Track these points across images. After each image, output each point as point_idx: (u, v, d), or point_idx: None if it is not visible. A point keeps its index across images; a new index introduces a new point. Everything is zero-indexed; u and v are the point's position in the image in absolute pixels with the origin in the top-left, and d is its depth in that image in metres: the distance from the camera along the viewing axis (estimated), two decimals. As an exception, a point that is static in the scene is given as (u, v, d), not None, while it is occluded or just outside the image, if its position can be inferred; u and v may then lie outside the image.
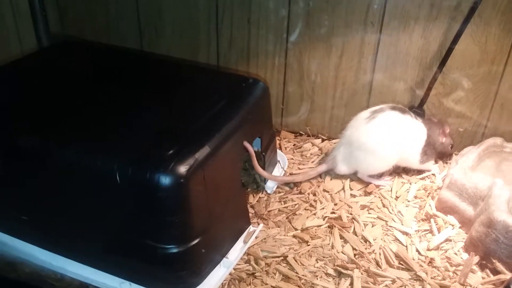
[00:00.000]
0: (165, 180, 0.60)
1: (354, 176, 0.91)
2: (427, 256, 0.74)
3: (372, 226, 0.81)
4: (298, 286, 0.69)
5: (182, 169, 0.62)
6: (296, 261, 0.73)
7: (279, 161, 0.96)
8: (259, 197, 0.87)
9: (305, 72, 1.01)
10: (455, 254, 0.75)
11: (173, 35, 1.05)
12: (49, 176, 0.67)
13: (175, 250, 0.63)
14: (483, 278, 0.70)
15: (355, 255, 0.75)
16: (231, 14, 0.99)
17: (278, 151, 0.97)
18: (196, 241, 0.65)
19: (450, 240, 0.77)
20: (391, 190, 0.88)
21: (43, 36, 1.07)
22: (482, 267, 0.72)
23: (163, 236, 0.63)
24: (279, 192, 0.89)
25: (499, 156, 0.89)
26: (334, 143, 1.02)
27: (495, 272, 0.70)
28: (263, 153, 0.86)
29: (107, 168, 0.62)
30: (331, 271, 0.72)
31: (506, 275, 0.68)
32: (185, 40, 1.05)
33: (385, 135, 0.84)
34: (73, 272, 0.69)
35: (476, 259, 0.72)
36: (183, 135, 0.67)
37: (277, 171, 0.94)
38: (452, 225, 0.79)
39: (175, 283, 0.66)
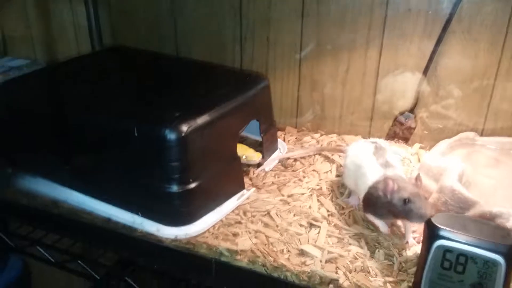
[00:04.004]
0: (170, 134, 0.80)
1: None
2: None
3: (348, 197, 0.94)
4: (275, 230, 0.84)
5: (184, 127, 0.81)
6: (276, 215, 0.88)
7: (279, 149, 1.13)
8: (258, 174, 1.04)
9: (315, 83, 1.18)
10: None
11: (204, 53, 1.25)
12: (86, 136, 0.88)
13: (175, 190, 0.81)
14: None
15: (328, 215, 0.89)
16: (252, 34, 1.19)
17: (279, 140, 1.14)
18: (192, 185, 0.82)
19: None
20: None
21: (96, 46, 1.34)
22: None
23: (167, 178, 0.81)
24: (275, 171, 1.05)
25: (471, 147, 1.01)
26: (330, 136, 1.18)
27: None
28: (262, 135, 1.03)
29: (128, 127, 0.82)
30: (304, 223, 0.86)
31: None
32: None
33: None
34: (99, 209, 0.88)
35: (431, 221, 0.84)
36: (190, 107, 0.87)
37: (279, 154, 1.10)
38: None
39: (174, 217, 0.83)
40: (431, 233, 0.65)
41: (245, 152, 0.99)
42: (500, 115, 1.06)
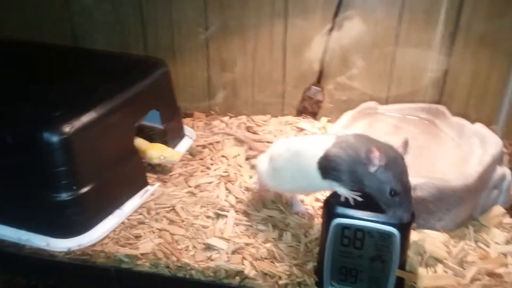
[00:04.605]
0: (50, 137, 0.72)
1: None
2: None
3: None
4: (180, 226, 0.80)
5: (66, 128, 0.73)
6: (182, 209, 0.84)
7: (187, 135, 1.07)
8: (165, 165, 0.98)
9: (225, 63, 1.13)
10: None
11: (105, 40, 1.16)
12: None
13: (64, 198, 0.74)
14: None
15: (236, 202, 0.86)
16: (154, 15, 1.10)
17: (185, 126, 1.09)
18: (83, 190, 0.75)
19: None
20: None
21: None
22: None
23: (53, 185, 0.74)
24: (182, 161, 1.00)
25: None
26: (239, 118, 1.14)
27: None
28: (164, 124, 0.97)
29: (1, 131, 0.73)
30: (211, 214, 0.83)
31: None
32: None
33: None
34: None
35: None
36: (74, 103, 0.79)
37: (186, 142, 1.05)
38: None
39: (65, 227, 0.76)
40: (328, 212, 0.64)
41: (163, 152, 0.92)
42: (402, 81, 1.08)
